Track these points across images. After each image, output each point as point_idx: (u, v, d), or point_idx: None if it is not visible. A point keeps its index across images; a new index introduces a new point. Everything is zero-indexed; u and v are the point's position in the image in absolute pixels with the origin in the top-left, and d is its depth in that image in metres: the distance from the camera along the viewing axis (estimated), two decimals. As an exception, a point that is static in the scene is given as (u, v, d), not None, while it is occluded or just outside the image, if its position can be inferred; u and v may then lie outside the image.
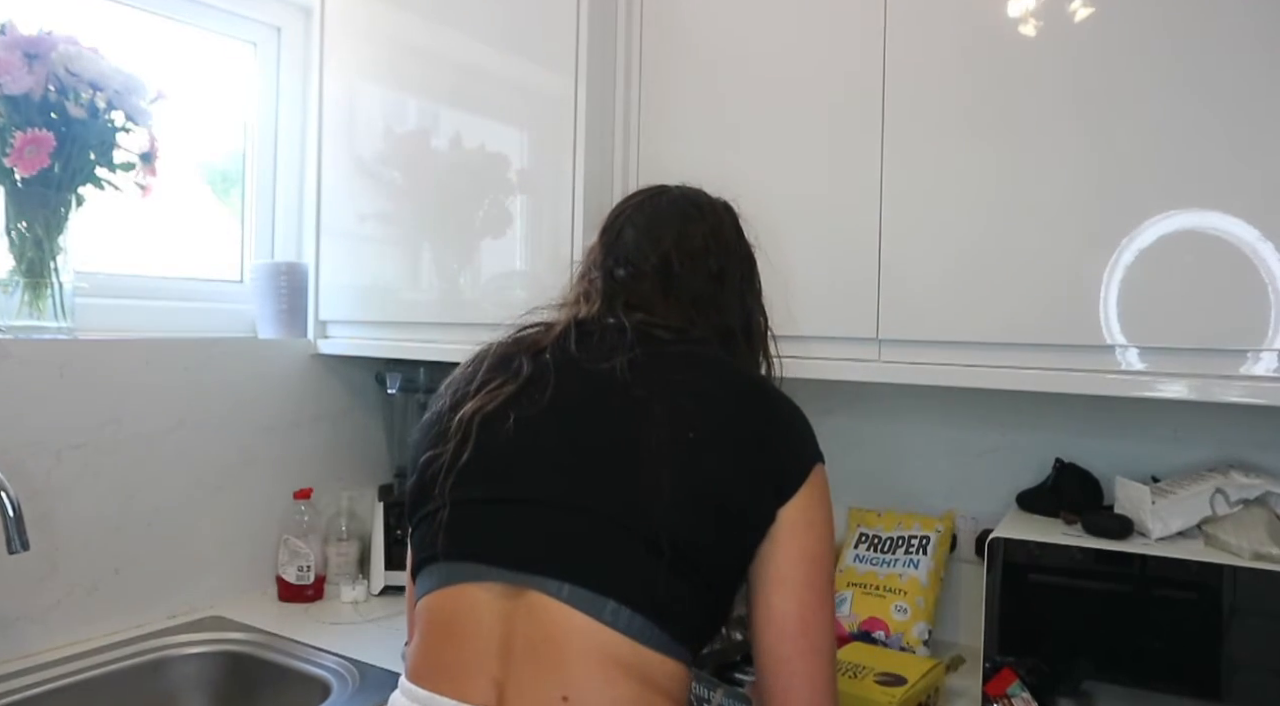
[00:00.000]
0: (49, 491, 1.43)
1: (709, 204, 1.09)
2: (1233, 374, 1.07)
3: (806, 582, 0.87)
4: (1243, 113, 1.06)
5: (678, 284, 1.01)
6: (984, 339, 1.23)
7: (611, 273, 1.02)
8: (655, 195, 1.09)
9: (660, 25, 1.52)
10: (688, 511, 0.83)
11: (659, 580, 0.81)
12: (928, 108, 1.27)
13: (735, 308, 1.05)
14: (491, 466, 0.88)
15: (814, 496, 0.89)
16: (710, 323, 1.01)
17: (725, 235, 1.07)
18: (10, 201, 1.42)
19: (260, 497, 1.75)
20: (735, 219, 1.11)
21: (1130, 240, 1.13)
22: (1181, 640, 1.13)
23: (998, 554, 1.22)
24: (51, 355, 1.44)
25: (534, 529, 0.84)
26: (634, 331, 0.93)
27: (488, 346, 1.00)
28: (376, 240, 1.75)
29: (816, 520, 0.88)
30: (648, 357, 0.91)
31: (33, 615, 1.41)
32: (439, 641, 0.86)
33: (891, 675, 1.23)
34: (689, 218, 1.06)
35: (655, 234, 1.04)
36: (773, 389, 0.96)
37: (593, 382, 0.90)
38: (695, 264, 1.03)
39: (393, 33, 1.71)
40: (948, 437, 1.58)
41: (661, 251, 1.02)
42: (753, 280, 1.10)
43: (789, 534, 0.86)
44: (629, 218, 1.07)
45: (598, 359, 0.91)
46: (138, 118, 1.49)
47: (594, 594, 0.80)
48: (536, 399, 0.89)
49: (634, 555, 0.81)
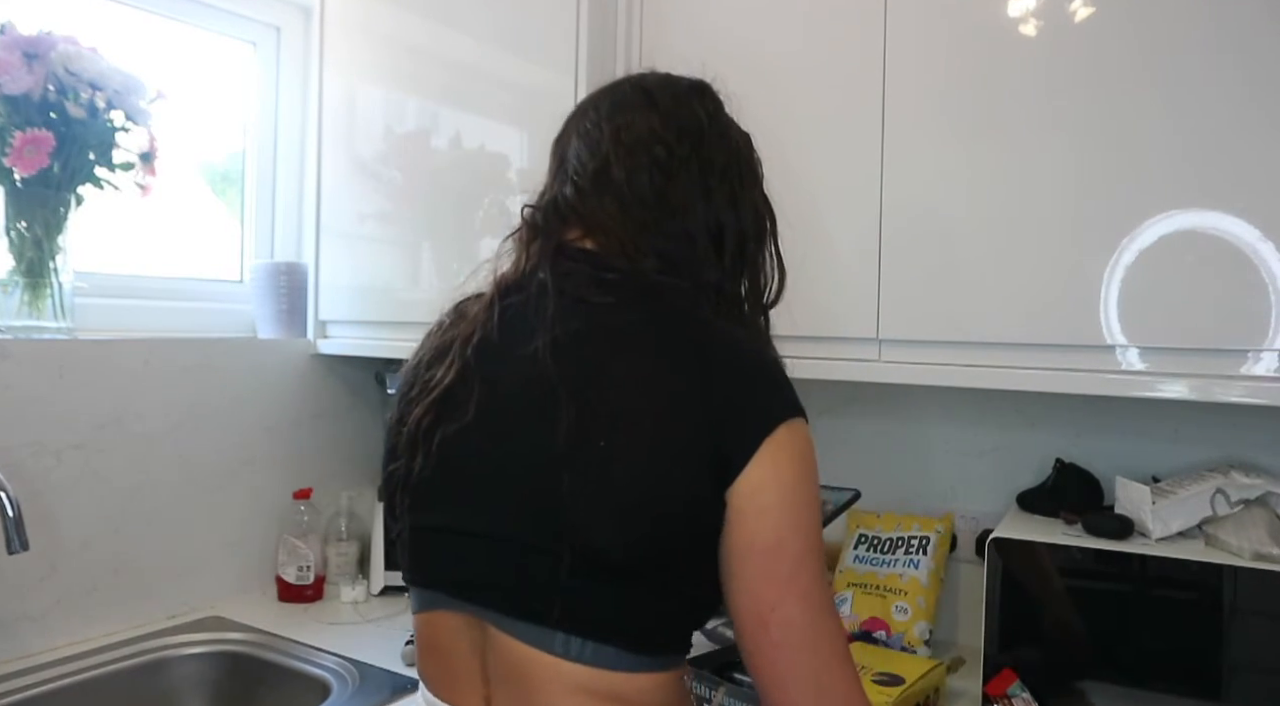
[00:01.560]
0: (49, 491, 1.43)
1: (667, 86, 0.89)
2: (1233, 374, 1.07)
3: (764, 577, 0.72)
4: (1243, 112, 1.06)
5: (623, 193, 0.83)
6: (984, 339, 1.23)
7: (556, 200, 0.86)
8: (611, 88, 0.91)
9: (660, 26, 1.52)
10: (613, 526, 0.72)
11: (605, 603, 0.73)
12: (928, 107, 1.27)
13: (697, 207, 0.83)
14: (435, 491, 0.80)
15: (773, 465, 0.72)
16: (664, 233, 0.82)
17: (687, 119, 0.86)
18: (10, 201, 1.41)
19: (260, 497, 1.75)
20: (709, 100, 0.90)
21: (1130, 240, 1.12)
22: (1182, 640, 1.13)
23: (998, 554, 1.22)
24: (51, 355, 1.44)
25: (476, 560, 0.78)
26: (558, 297, 0.78)
27: (435, 325, 0.90)
28: (376, 240, 1.75)
29: (776, 500, 0.72)
30: (570, 336, 0.76)
31: (32, 615, 1.41)
32: (434, 662, 0.84)
33: (890, 675, 1.23)
34: (635, 106, 0.86)
35: (597, 135, 0.86)
36: (721, 343, 0.77)
37: (514, 377, 0.78)
38: (636, 160, 0.83)
39: (392, 32, 1.71)
40: (948, 437, 1.57)
41: (602, 154, 0.84)
42: (733, 172, 0.88)
43: (737, 520, 0.72)
44: (575, 122, 0.90)
45: (521, 341, 0.78)
46: (137, 117, 1.48)
47: (540, 627, 0.74)
48: (464, 407, 0.79)
49: (569, 581, 0.72)
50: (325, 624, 1.60)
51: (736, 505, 0.72)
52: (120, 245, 1.71)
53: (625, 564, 0.72)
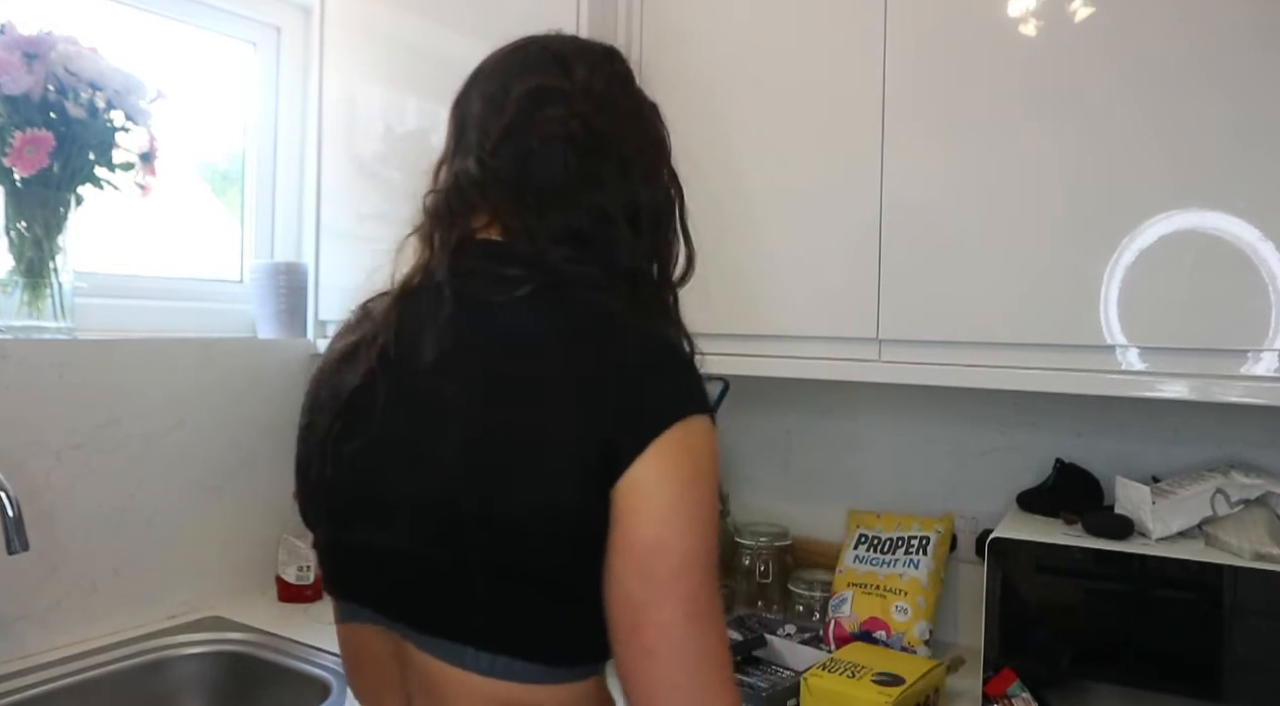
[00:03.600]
0: (49, 491, 1.43)
1: (581, 52, 0.83)
2: (1233, 374, 1.07)
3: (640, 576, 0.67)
4: (1244, 112, 1.06)
5: (533, 170, 0.77)
6: (984, 339, 1.23)
7: (459, 181, 0.80)
8: (517, 48, 0.85)
9: (660, 27, 1.52)
10: (510, 539, 0.69)
11: (511, 617, 0.70)
12: (928, 107, 1.27)
13: (614, 183, 0.78)
14: (347, 504, 0.78)
15: (659, 461, 0.67)
16: (579, 212, 0.77)
17: (602, 88, 0.80)
18: (10, 201, 1.41)
19: (260, 498, 1.75)
20: (622, 68, 0.85)
21: (1130, 240, 1.12)
22: (1182, 640, 1.13)
23: (997, 554, 1.22)
24: (51, 355, 1.44)
25: (388, 575, 0.75)
26: (455, 302, 0.75)
27: (343, 325, 0.87)
28: (376, 240, 1.75)
29: (662, 498, 0.67)
30: (464, 346, 0.73)
31: (32, 615, 1.41)
32: (358, 672, 0.83)
33: (890, 675, 1.23)
34: (546, 71, 0.81)
35: (503, 101, 0.79)
36: (624, 339, 0.72)
37: (412, 389, 0.74)
38: (548, 131, 0.77)
39: (392, 32, 1.71)
40: (948, 437, 1.57)
41: (509, 124, 0.78)
42: (648, 145, 0.83)
43: (618, 518, 0.67)
44: (479, 84, 0.84)
45: (419, 350, 0.74)
46: (137, 117, 1.48)
47: (448, 642, 0.71)
48: (370, 419, 0.75)
49: (475, 596, 0.70)
50: (325, 624, 1.59)
51: (619, 503, 0.67)
52: (120, 245, 1.71)
53: (526, 576, 0.69)
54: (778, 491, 1.73)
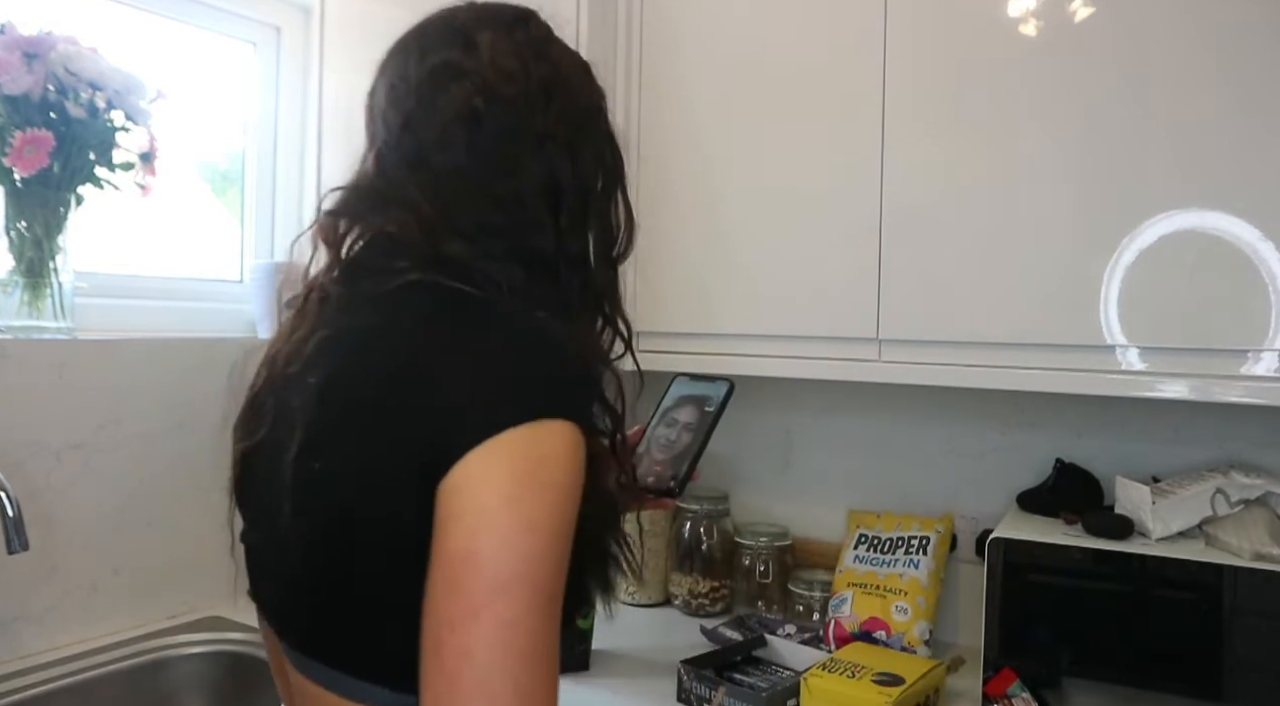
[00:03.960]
0: (49, 491, 1.43)
1: (484, 21, 0.76)
2: (1233, 374, 1.07)
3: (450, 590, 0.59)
4: (1244, 112, 1.06)
5: (433, 160, 0.72)
6: (984, 339, 1.23)
7: (357, 181, 0.77)
8: (421, 27, 0.81)
9: (660, 27, 1.52)
10: (334, 552, 0.64)
11: (331, 626, 0.66)
12: (928, 107, 1.27)
13: (526, 165, 0.72)
14: (243, 506, 0.81)
15: (484, 465, 0.59)
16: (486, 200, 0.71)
17: (510, 59, 0.73)
18: (10, 201, 1.41)
19: (260, 497, 1.75)
20: (536, 30, 0.77)
21: (1130, 240, 1.13)
22: (1182, 640, 1.13)
23: (998, 554, 1.22)
24: (51, 355, 1.44)
25: (264, 582, 0.76)
26: (334, 301, 0.72)
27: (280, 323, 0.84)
28: (376, 240, 1.75)
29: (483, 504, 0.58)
30: (320, 347, 0.69)
31: (32, 615, 1.41)
32: (275, 671, 0.83)
33: (890, 675, 1.23)
34: (447, 47, 0.75)
35: (403, 88, 0.75)
36: (484, 337, 0.65)
37: (279, 395, 0.73)
38: (448, 115, 0.72)
39: (392, 32, 1.70)
40: (948, 437, 1.57)
41: (407, 111, 0.73)
42: (569, 116, 0.74)
43: (437, 524, 0.59)
44: (385, 73, 0.80)
45: (292, 355, 0.71)
46: (137, 117, 1.48)
47: (303, 656, 0.69)
48: (258, 424, 0.75)
49: (301, 600, 0.68)
50: (325, 624, 1.60)
51: (439, 508, 0.59)
52: (120, 245, 1.71)
53: (345, 585, 0.64)
54: (778, 491, 1.73)
